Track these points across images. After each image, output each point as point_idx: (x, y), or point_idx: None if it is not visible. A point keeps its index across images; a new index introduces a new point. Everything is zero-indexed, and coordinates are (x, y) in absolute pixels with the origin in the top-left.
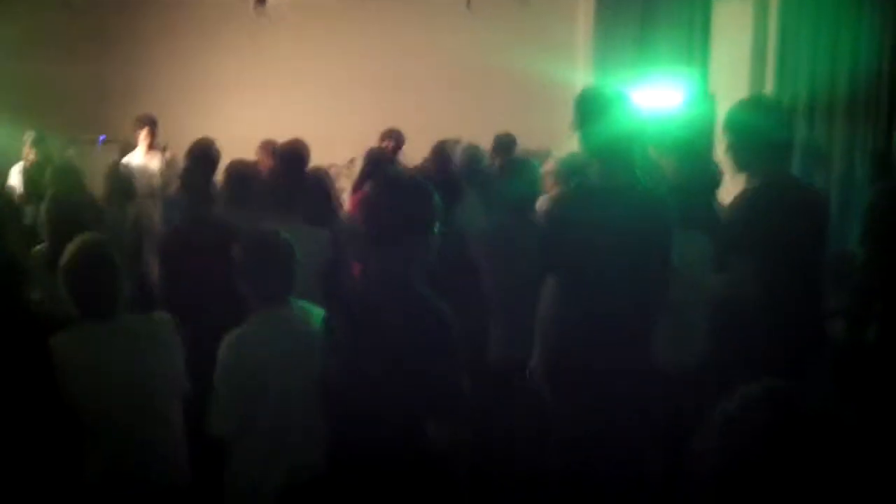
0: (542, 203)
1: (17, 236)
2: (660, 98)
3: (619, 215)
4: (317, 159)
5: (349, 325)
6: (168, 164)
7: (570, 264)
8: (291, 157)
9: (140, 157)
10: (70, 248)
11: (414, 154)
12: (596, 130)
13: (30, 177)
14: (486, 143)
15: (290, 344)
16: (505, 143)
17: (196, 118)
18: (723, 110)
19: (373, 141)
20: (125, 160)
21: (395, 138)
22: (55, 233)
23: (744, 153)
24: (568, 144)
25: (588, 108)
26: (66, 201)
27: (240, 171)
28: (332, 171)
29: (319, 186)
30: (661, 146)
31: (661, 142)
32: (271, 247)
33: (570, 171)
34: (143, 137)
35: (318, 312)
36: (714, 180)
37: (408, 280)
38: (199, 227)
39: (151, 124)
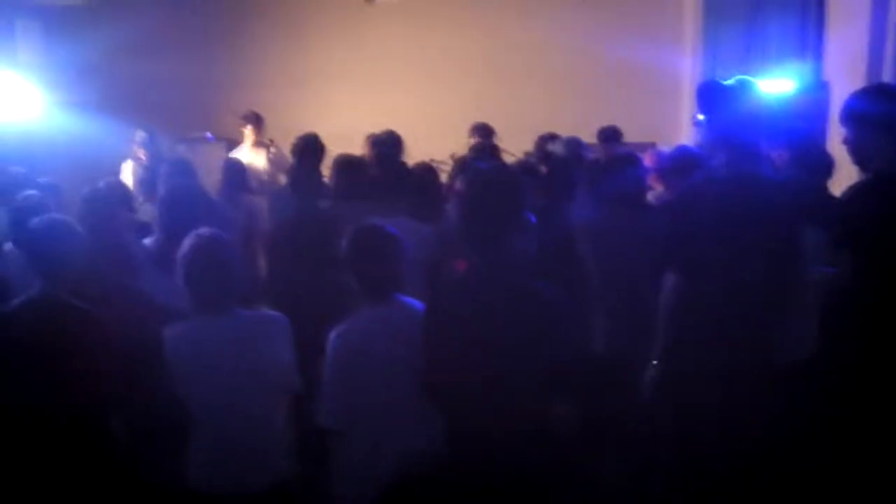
0: (654, 197)
1: (129, 227)
2: (771, 87)
3: (747, 207)
4: (421, 152)
5: (455, 318)
6: (274, 160)
7: (696, 258)
8: (385, 146)
9: (246, 153)
10: (187, 242)
11: (517, 148)
12: (721, 120)
13: (141, 175)
14: (588, 135)
15: (395, 338)
16: (610, 136)
17: (302, 112)
18: (837, 100)
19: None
20: (232, 155)
21: (483, 132)
22: (169, 227)
23: (863, 144)
24: (673, 136)
25: (713, 98)
26: (180, 196)
27: (346, 165)
28: (434, 166)
29: (425, 181)
30: (773, 136)
31: (774, 132)
32: (379, 241)
33: (679, 166)
34: (248, 133)
35: (421, 308)
36: (827, 171)
37: (510, 271)
38: (306, 222)
39: (256, 120)
